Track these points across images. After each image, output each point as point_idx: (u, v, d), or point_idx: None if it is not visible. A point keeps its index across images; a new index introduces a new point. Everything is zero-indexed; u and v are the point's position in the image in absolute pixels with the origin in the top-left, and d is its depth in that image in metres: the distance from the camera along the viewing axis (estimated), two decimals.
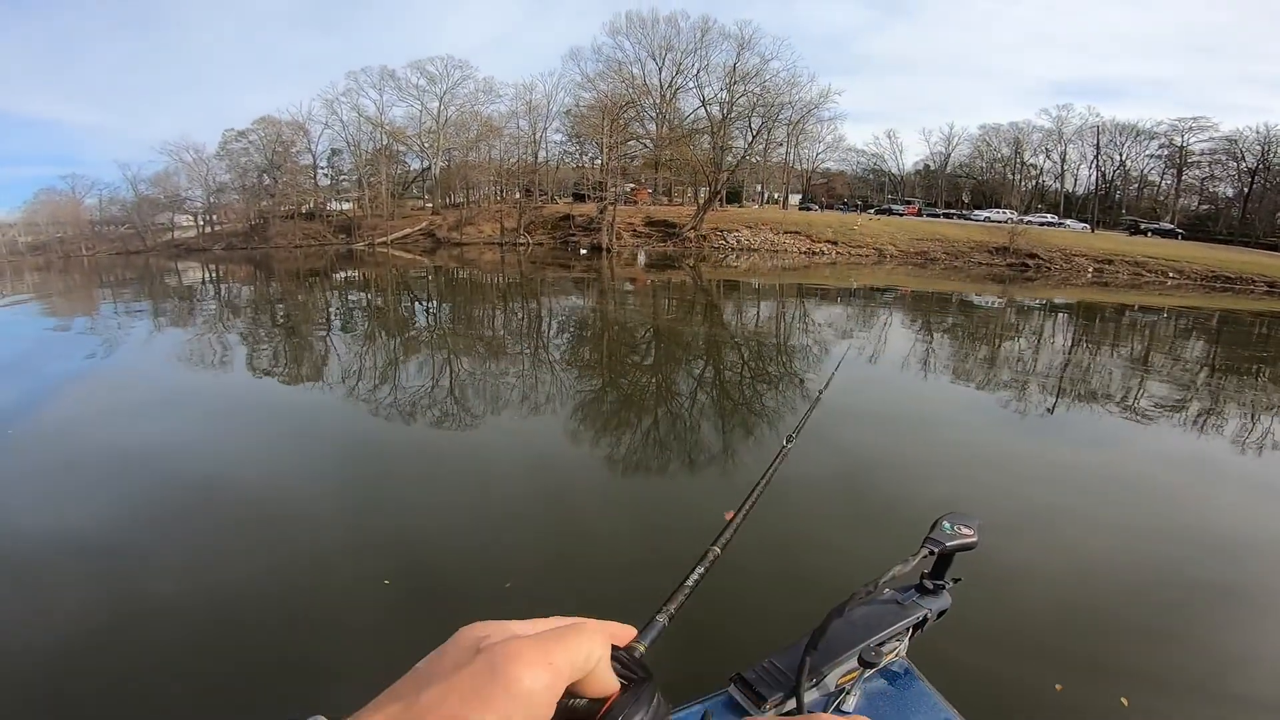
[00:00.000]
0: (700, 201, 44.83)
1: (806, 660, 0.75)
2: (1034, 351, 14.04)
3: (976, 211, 50.51)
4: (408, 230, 48.35)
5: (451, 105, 50.56)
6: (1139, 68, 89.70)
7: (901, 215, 49.12)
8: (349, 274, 31.55)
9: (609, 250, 39.54)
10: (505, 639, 0.38)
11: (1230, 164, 50.02)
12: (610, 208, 41.72)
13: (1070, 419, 8.77)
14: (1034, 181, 57.28)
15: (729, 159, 45.49)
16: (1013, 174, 57.09)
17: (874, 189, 61.67)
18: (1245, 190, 49.21)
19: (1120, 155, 54.10)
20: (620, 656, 0.43)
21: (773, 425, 7.88)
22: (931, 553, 1.04)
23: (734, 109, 45.28)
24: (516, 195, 48.76)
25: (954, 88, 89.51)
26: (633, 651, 0.47)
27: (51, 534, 4.85)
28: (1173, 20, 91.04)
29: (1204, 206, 52.92)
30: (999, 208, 49.70)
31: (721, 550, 0.74)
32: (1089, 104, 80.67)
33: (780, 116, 45.47)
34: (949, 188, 60.06)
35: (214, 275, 33.13)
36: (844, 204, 55.58)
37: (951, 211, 53.64)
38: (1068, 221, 47.86)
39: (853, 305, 21.66)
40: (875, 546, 4.48)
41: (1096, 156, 53.67)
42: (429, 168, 53.60)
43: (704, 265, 33.74)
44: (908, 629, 1.03)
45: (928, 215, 51.03)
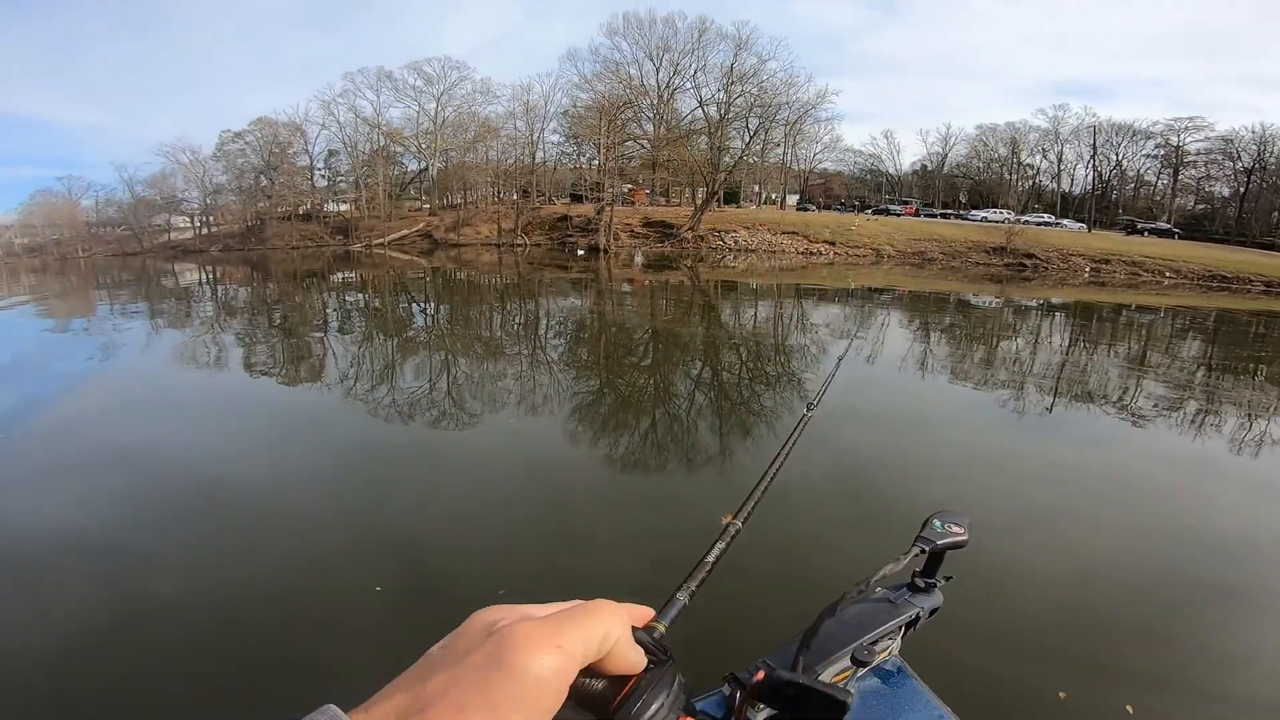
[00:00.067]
0: (698, 202, 44.86)
1: (800, 659, 0.74)
2: (1032, 351, 14.06)
3: (973, 211, 50.67)
4: (405, 231, 48.32)
5: (449, 106, 50.70)
6: (1135, 67, 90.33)
7: (899, 215, 49.24)
8: (346, 275, 31.52)
9: (606, 251, 39.56)
10: (514, 622, 0.37)
11: (1226, 163, 50.28)
12: (608, 208, 41.74)
13: (1069, 419, 8.78)
14: (1031, 181, 57.52)
15: (726, 159, 45.59)
16: (1009, 174, 57.32)
17: (871, 189, 61.82)
18: (1241, 190, 49.41)
19: (1117, 155, 54.35)
20: (639, 638, 0.41)
21: (771, 425, 7.87)
22: (923, 551, 1.04)
23: (731, 109, 45.41)
24: (514, 196, 48.79)
25: (951, 88, 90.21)
26: (652, 632, 0.46)
27: (52, 534, 4.83)
28: (1169, 20, 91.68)
29: (1200, 206, 53.12)
30: (996, 208, 49.85)
31: (743, 525, 0.73)
32: (1085, 104, 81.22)
33: (777, 117, 45.65)
34: (946, 188, 60.21)
35: (211, 277, 33.08)
36: (841, 204, 55.69)
37: (949, 211, 53.80)
38: (1064, 221, 48.02)
39: (850, 305, 21.67)
40: (874, 547, 4.47)
41: (1093, 156, 53.87)
42: (426, 169, 53.61)
43: (701, 266, 33.74)
44: (900, 627, 1.02)
45: (925, 215, 51.16)
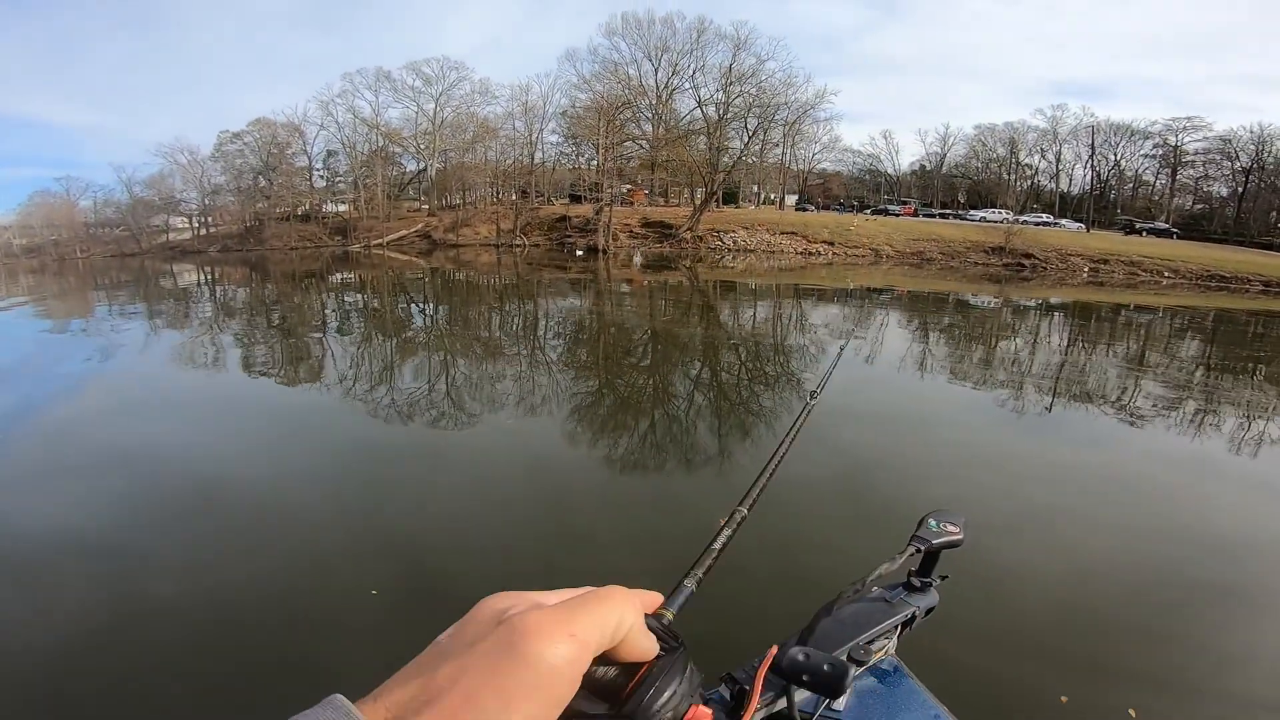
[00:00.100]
0: (697, 202, 44.87)
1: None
2: (1030, 352, 14.07)
3: (972, 211, 50.71)
4: (404, 232, 48.32)
5: (447, 107, 50.73)
6: (1133, 67, 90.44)
7: (897, 215, 49.27)
8: (345, 276, 31.49)
9: (605, 252, 39.56)
10: (525, 610, 0.36)
11: (1224, 163, 50.35)
12: (606, 209, 41.75)
13: (1068, 419, 8.78)
14: (1029, 181, 57.55)
15: (725, 160, 45.59)
16: (1008, 174, 57.33)
17: (870, 189, 61.84)
18: (1240, 189, 49.46)
19: (1115, 155, 54.42)
20: (650, 625, 0.41)
21: (770, 425, 7.86)
22: (918, 550, 1.04)
23: (730, 110, 45.42)
24: (513, 197, 48.79)
25: (949, 88, 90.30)
26: (660, 619, 0.46)
27: (51, 534, 4.83)
28: (1167, 20, 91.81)
29: (1198, 206, 53.19)
30: (994, 208, 49.86)
31: (749, 511, 0.73)
32: (1084, 104, 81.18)
33: (776, 117, 45.67)
34: (945, 188, 60.25)
35: (209, 278, 33.06)
36: (840, 204, 55.71)
37: (947, 212, 53.85)
38: (1063, 221, 48.07)
39: (849, 306, 21.68)
40: (873, 547, 4.42)
41: (1091, 156, 53.95)
42: (425, 169, 53.61)
43: (700, 266, 33.75)
44: (896, 627, 1.02)
45: (924, 215, 51.18)
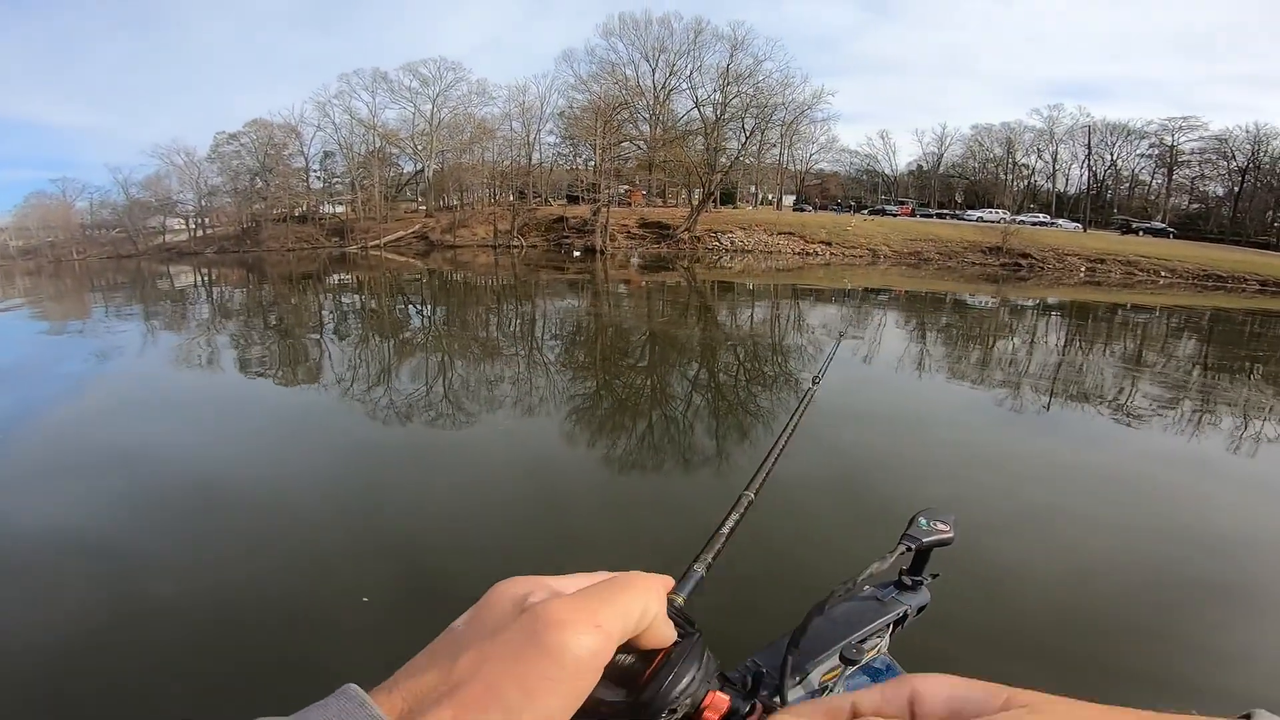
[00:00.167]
0: (694, 203, 44.87)
1: (789, 658, 0.75)
2: (1028, 351, 14.10)
3: (969, 211, 50.78)
4: (401, 233, 48.23)
5: (444, 107, 50.61)
6: (1129, 67, 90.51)
7: (895, 216, 49.28)
8: (342, 277, 31.46)
9: (603, 252, 39.54)
10: (546, 599, 0.35)
11: (1220, 163, 50.45)
12: (604, 210, 41.73)
13: (1066, 418, 8.79)
14: (1026, 181, 57.65)
15: (722, 160, 45.57)
16: (1005, 174, 57.43)
17: (867, 190, 61.86)
18: (1236, 189, 49.58)
19: (1111, 155, 54.54)
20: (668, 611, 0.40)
21: (768, 426, 7.86)
22: (909, 549, 1.04)
23: (727, 110, 45.43)
24: (510, 198, 48.72)
25: (946, 88, 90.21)
26: (672, 604, 0.45)
27: (52, 534, 4.83)
28: (1163, 20, 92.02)
29: (1195, 205, 53.30)
30: (992, 208, 49.91)
31: (755, 496, 0.73)
32: (1080, 104, 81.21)
33: (773, 117, 45.65)
34: (942, 188, 60.31)
35: (206, 279, 32.98)
36: (838, 205, 55.71)
37: (945, 212, 53.88)
38: (1060, 221, 48.13)
39: (847, 306, 21.70)
40: (871, 546, 4.43)
41: (1088, 156, 54.06)
42: (422, 170, 53.52)
43: (698, 267, 33.75)
44: (888, 625, 1.03)
45: (921, 216, 51.20)
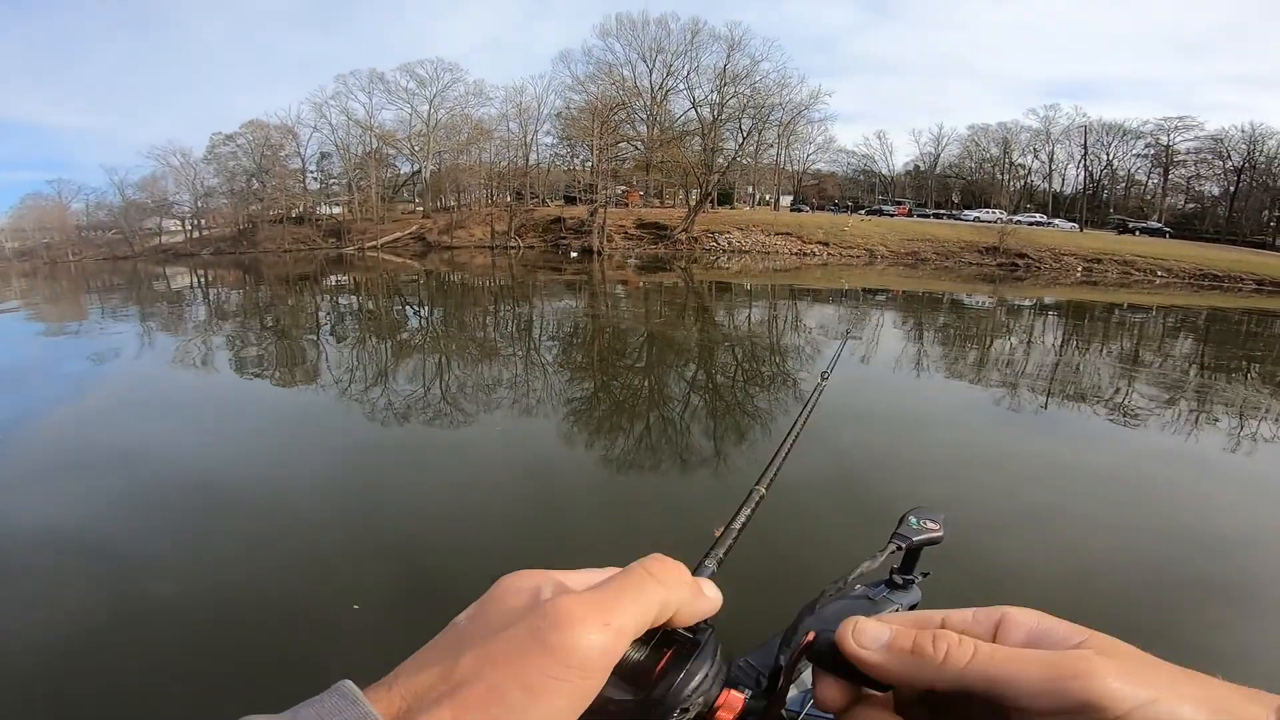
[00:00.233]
0: (691, 204, 44.91)
1: (781, 658, 0.74)
2: (1026, 351, 14.12)
3: (966, 211, 50.92)
4: (398, 234, 48.21)
5: (441, 108, 50.64)
6: (1125, 67, 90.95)
7: (892, 216, 49.40)
8: (339, 278, 31.41)
9: (600, 253, 39.55)
10: (556, 596, 0.34)
11: (1216, 163, 50.64)
12: (601, 210, 41.73)
13: (1066, 418, 8.79)
14: (1023, 181, 57.83)
15: (720, 161, 45.63)
16: (1002, 174, 57.56)
17: (864, 190, 61.96)
18: (1231, 189, 49.75)
19: (1107, 155, 54.75)
20: None
21: (767, 427, 7.86)
22: (899, 548, 1.03)
23: (724, 110, 45.49)
24: (507, 198, 48.72)
25: (943, 88, 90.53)
26: None
27: (52, 534, 4.82)
28: (1159, 20, 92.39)
29: (1191, 205, 53.51)
30: (988, 208, 50.05)
31: (766, 491, 0.73)
32: (1076, 104, 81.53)
33: (770, 118, 45.74)
34: (939, 188, 60.46)
35: (203, 281, 32.93)
36: (835, 205, 55.81)
37: (941, 212, 53.98)
38: (1056, 221, 48.27)
39: (845, 307, 21.72)
40: (868, 546, 4.43)
41: (1084, 156, 54.24)
42: (419, 171, 53.51)
43: (695, 267, 33.77)
44: None
45: (918, 216, 51.33)
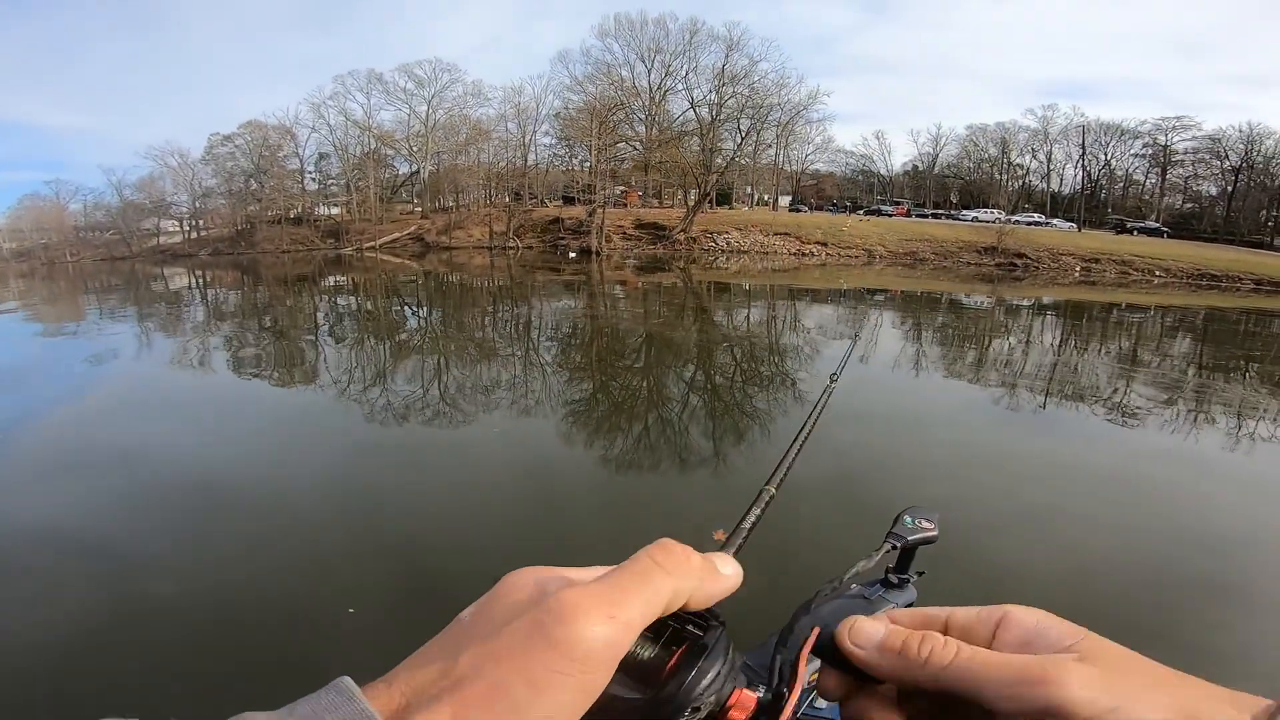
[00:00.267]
0: (690, 204, 44.91)
1: (777, 658, 0.74)
2: (1025, 351, 14.14)
3: (964, 211, 50.96)
4: (396, 235, 48.18)
5: (440, 109, 50.62)
6: (1123, 67, 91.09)
7: (890, 216, 49.46)
8: (338, 279, 31.38)
9: (598, 253, 39.54)
10: (560, 589, 0.33)
11: (1214, 163, 50.75)
12: (599, 210, 41.73)
13: (1065, 418, 8.80)
14: (1021, 181, 57.88)
15: (718, 161, 45.66)
16: (1000, 174, 57.63)
17: (863, 190, 62.02)
18: (1229, 189, 49.83)
19: (1105, 155, 54.84)
20: None
21: (766, 429, 7.85)
22: (894, 547, 1.03)
23: (723, 111, 45.55)
24: (505, 199, 48.70)
25: (942, 88, 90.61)
26: None
27: (52, 534, 4.81)
28: (1157, 20, 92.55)
29: (1189, 205, 53.60)
30: (987, 208, 50.12)
31: (776, 490, 0.73)
32: (1074, 104, 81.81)
33: (769, 118, 45.79)
34: (937, 188, 60.50)
35: (201, 281, 32.89)
36: (833, 205, 55.83)
37: (940, 212, 54.03)
38: (1054, 221, 48.33)
39: (843, 307, 21.74)
40: (868, 545, 4.43)
41: (1082, 156, 54.33)
42: (417, 171, 53.49)
43: (694, 267, 33.79)
44: None
45: (916, 216, 51.38)
